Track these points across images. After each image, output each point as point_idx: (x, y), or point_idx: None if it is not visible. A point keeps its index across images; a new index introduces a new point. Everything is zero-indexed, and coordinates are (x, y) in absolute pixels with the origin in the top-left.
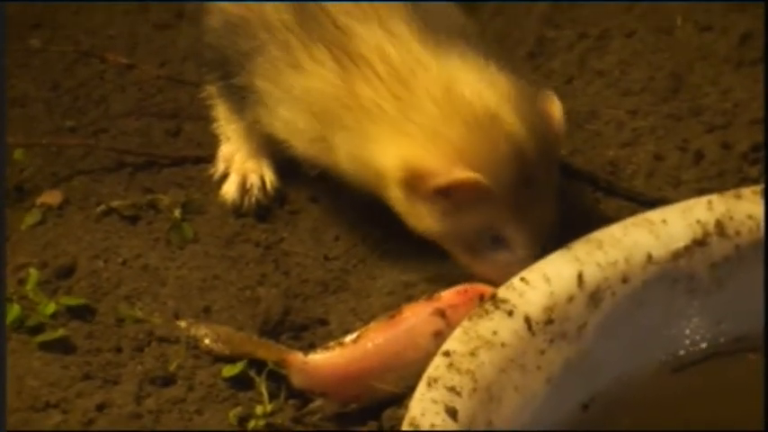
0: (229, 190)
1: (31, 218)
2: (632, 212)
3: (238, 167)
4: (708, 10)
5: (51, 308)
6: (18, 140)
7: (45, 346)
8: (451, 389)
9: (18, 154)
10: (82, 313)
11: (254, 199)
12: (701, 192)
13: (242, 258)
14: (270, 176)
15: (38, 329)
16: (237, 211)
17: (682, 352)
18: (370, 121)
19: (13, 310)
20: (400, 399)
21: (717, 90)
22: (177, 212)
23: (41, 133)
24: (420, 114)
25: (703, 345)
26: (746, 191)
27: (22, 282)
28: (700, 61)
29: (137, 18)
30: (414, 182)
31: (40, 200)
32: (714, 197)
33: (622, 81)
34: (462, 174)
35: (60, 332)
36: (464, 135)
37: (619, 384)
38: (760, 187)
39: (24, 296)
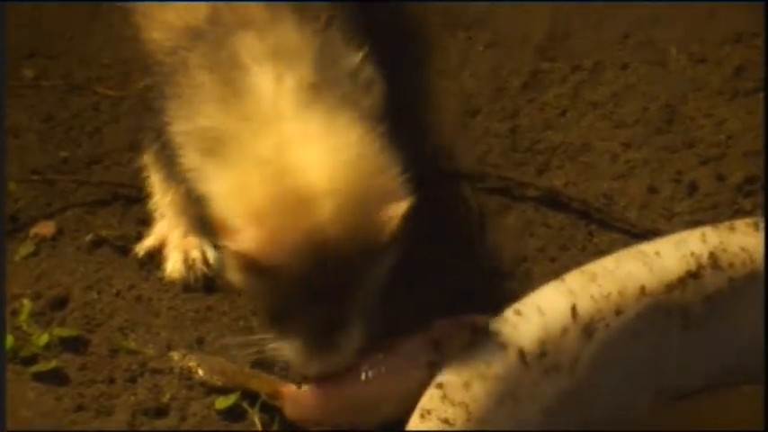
0: (176, 268)
1: (25, 249)
2: (626, 244)
3: (177, 245)
4: (702, 42)
5: (45, 339)
6: (12, 173)
7: (38, 377)
8: (445, 420)
9: (12, 185)
10: (75, 344)
11: (199, 273)
12: (694, 224)
13: (235, 289)
14: (210, 252)
15: (31, 360)
16: (188, 287)
17: (676, 383)
18: (221, 160)
19: (7, 341)
20: (394, 430)
21: (711, 122)
22: None
23: (35, 165)
24: (246, 169)
25: (697, 376)
26: (740, 223)
27: (15, 313)
28: (693, 93)
29: (131, 46)
30: (221, 232)
31: (33, 231)
32: (708, 229)
33: (616, 113)
34: (247, 243)
35: (54, 363)
36: (272, 206)
37: (613, 416)
38: (753, 220)
39: (18, 327)
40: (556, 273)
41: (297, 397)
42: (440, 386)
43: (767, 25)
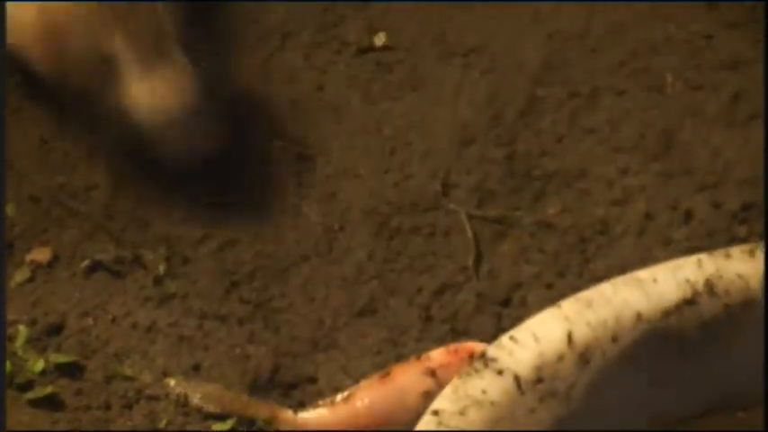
0: None
1: (21, 275)
2: (622, 271)
3: None
4: (698, 69)
5: (40, 365)
6: (8, 199)
7: (34, 404)
8: None
9: (9, 210)
10: (71, 371)
11: None
12: (690, 251)
13: (231, 316)
14: None
15: (27, 386)
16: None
17: (673, 410)
18: None
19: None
20: None
21: (707, 149)
22: (161, 268)
23: (31, 190)
24: None
25: (694, 403)
26: (736, 250)
27: (11, 339)
28: (690, 120)
29: None
30: None
31: (29, 257)
32: (704, 256)
33: (612, 139)
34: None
35: (49, 389)
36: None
37: None
38: (749, 246)
39: (14, 353)
40: (552, 299)
41: (294, 423)
42: (435, 413)
43: (767, 50)
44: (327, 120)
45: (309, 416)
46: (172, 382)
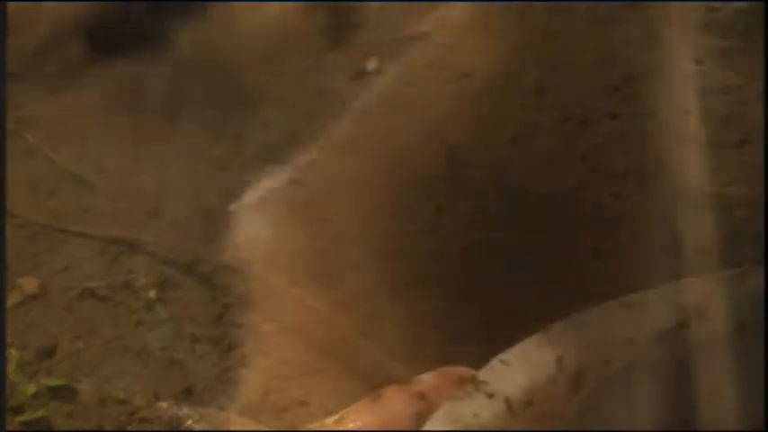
0: None
1: (13, 298)
2: (613, 295)
3: None
4: (689, 93)
5: (32, 388)
6: None
7: (26, 427)
8: None
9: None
10: (63, 394)
11: None
12: (682, 275)
13: (223, 339)
14: None
15: (19, 410)
16: None
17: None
18: None
19: None
20: None
21: (699, 173)
22: (152, 293)
23: (24, 215)
24: None
25: (684, 428)
26: (727, 274)
27: None
28: (681, 144)
29: None
30: None
31: (20, 281)
32: (695, 280)
33: (605, 164)
34: None
35: (41, 413)
36: None
37: None
38: (740, 270)
39: (6, 376)
40: (543, 323)
41: None
42: None
43: (767, 73)
44: (318, 145)
45: None
46: (164, 405)
